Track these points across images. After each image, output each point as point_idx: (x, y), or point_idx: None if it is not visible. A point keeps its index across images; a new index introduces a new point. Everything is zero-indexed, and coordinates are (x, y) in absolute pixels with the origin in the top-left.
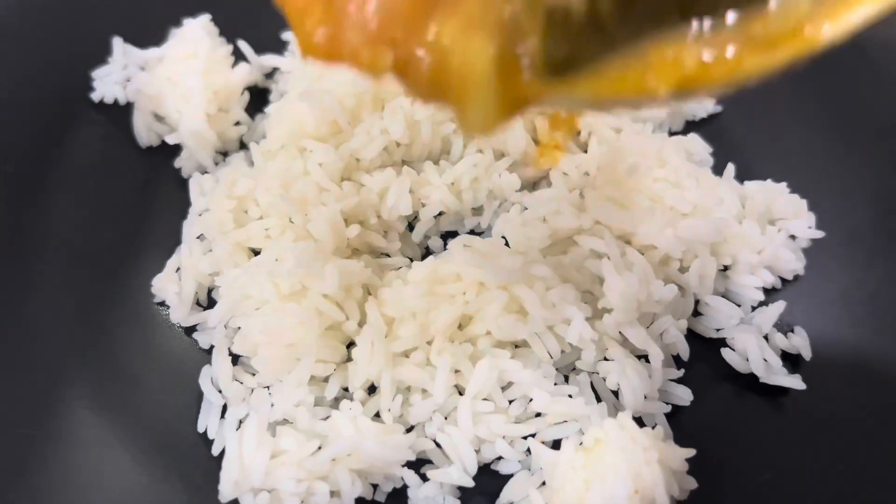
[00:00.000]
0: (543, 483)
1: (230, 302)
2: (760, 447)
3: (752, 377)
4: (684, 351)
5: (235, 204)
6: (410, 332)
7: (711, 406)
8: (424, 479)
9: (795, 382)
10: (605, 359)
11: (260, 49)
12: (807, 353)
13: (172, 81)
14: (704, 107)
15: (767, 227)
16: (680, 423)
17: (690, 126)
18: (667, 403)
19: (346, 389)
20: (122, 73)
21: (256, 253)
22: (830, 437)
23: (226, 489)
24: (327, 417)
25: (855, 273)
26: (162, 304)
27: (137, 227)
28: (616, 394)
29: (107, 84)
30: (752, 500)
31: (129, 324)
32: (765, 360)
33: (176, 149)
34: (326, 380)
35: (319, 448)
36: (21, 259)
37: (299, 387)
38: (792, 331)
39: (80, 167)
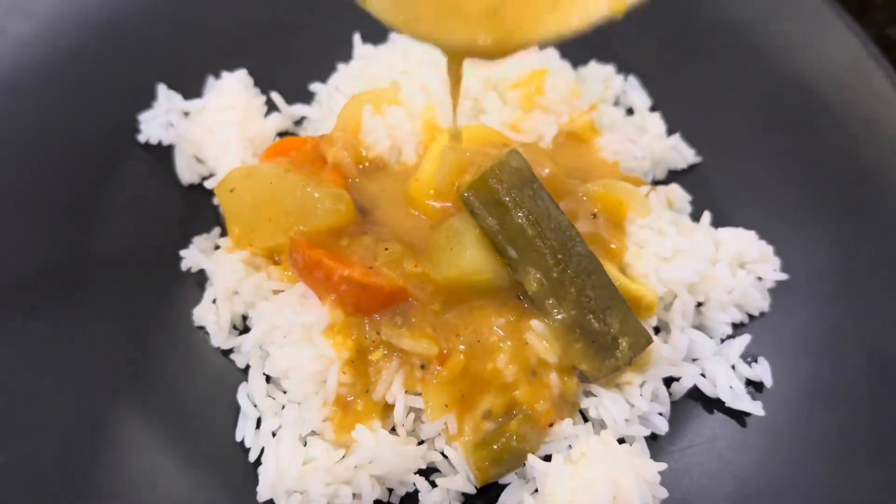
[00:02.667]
0: (536, 490)
1: (261, 331)
2: (725, 461)
3: (720, 400)
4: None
5: None
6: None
7: (684, 424)
8: (433, 485)
9: (756, 408)
10: (591, 393)
11: (290, 99)
12: (768, 381)
13: (213, 130)
14: (685, 157)
15: (738, 269)
16: (656, 439)
17: (672, 175)
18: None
19: None
20: (165, 117)
21: None
22: (788, 453)
23: (264, 490)
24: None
25: (815, 310)
26: (201, 328)
27: (177, 256)
28: None
29: (152, 127)
30: None
31: (172, 345)
32: (730, 387)
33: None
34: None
35: (344, 456)
36: (75, 283)
37: (325, 406)
38: (756, 361)
39: (127, 201)
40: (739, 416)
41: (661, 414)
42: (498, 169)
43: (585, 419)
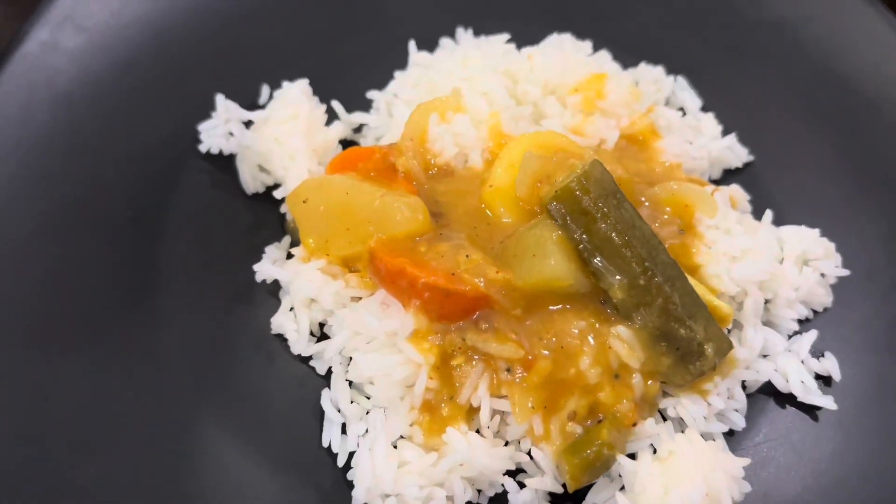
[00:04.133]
0: (622, 488)
1: (342, 338)
2: (800, 455)
3: (792, 395)
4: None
5: None
6: None
7: (757, 419)
8: (521, 486)
9: (828, 402)
10: (668, 394)
11: (349, 107)
12: (836, 375)
13: (278, 140)
14: (739, 157)
15: (803, 267)
16: (732, 435)
17: (727, 174)
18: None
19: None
20: (225, 127)
21: None
22: (861, 446)
23: (360, 494)
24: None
25: (873, 305)
26: (278, 335)
27: (247, 265)
28: None
29: (212, 137)
30: (793, 499)
31: (251, 354)
32: (802, 381)
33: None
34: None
35: (437, 459)
36: (148, 294)
37: (412, 410)
38: (823, 355)
39: (192, 211)
40: (811, 411)
41: (737, 410)
42: (584, 178)
43: (664, 418)
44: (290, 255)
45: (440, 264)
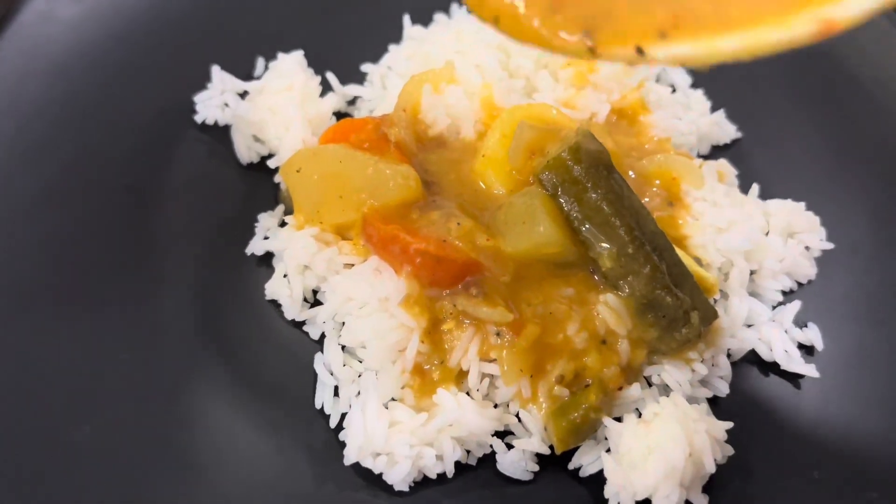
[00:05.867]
0: (608, 450)
1: (335, 303)
2: (782, 421)
3: (775, 363)
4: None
5: None
6: None
7: (741, 386)
8: (509, 447)
9: (810, 370)
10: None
11: (344, 80)
12: (819, 345)
13: (273, 111)
14: (727, 133)
15: (788, 239)
16: (716, 402)
17: (714, 150)
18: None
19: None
20: (220, 98)
21: None
22: (841, 412)
23: (351, 453)
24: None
25: (857, 277)
26: (272, 301)
27: (242, 233)
28: None
29: (208, 107)
30: (776, 463)
31: (246, 319)
32: (786, 350)
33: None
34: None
35: (427, 419)
36: (145, 261)
37: (404, 373)
38: (806, 325)
39: (188, 179)
40: (793, 378)
41: (721, 377)
42: (575, 149)
43: (650, 384)
44: (283, 224)
45: (431, 231)
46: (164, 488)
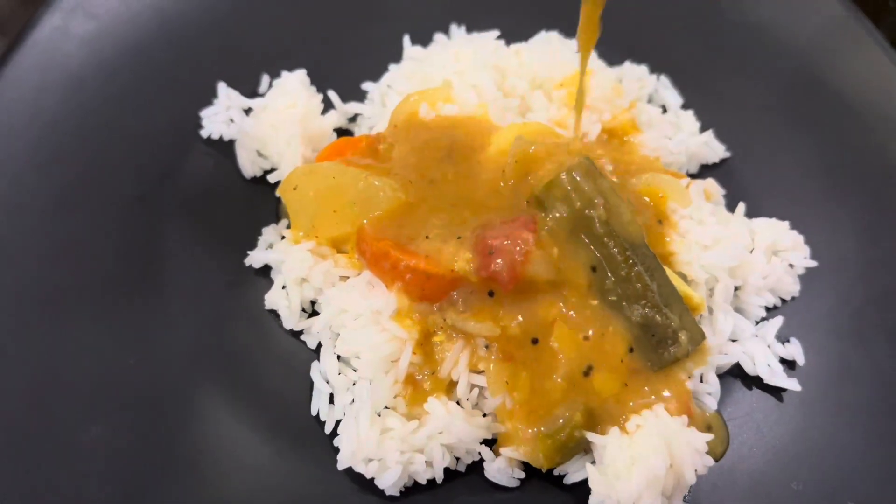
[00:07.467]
0: (593, 462)
1: (331, 315)
2: (763, 433)
3: (758, 377)
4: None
5: None
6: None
7: (723, 399)
8: (497, 454)
9: (793, 384)
10: None
11: (345, 97)
12: (800, 360)
13: (276, 127)
14: (716, 152)
15: (772, 257)
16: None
17: (703, 169)
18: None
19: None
20: (226, 114)
21: None
22: (822, 425)
23: (344, 458)
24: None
25: (841, 294)
26: (272, 311)
27: (245, 244)
28: None
29: (214, 123)
30: (756, 475)
31: (246, 328)
32: (768, 365)
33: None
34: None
35: (418, 427)
36: (151, 272)
37: (396, 383)
38: (788, 341)
39: (194, 192)
40: (775, 392)
41: (709, 394)
42: (572, 170)
43: None
44: (282, 237)
45: (422, 247)
46: (165, 489)
